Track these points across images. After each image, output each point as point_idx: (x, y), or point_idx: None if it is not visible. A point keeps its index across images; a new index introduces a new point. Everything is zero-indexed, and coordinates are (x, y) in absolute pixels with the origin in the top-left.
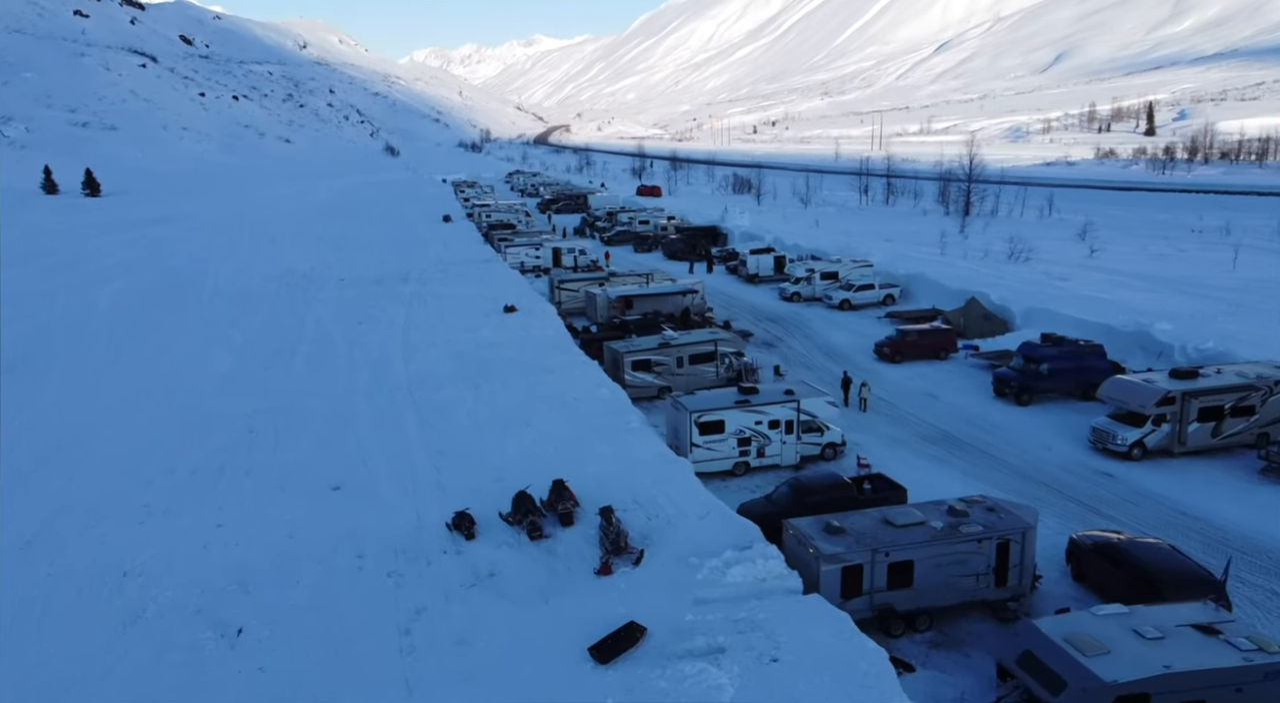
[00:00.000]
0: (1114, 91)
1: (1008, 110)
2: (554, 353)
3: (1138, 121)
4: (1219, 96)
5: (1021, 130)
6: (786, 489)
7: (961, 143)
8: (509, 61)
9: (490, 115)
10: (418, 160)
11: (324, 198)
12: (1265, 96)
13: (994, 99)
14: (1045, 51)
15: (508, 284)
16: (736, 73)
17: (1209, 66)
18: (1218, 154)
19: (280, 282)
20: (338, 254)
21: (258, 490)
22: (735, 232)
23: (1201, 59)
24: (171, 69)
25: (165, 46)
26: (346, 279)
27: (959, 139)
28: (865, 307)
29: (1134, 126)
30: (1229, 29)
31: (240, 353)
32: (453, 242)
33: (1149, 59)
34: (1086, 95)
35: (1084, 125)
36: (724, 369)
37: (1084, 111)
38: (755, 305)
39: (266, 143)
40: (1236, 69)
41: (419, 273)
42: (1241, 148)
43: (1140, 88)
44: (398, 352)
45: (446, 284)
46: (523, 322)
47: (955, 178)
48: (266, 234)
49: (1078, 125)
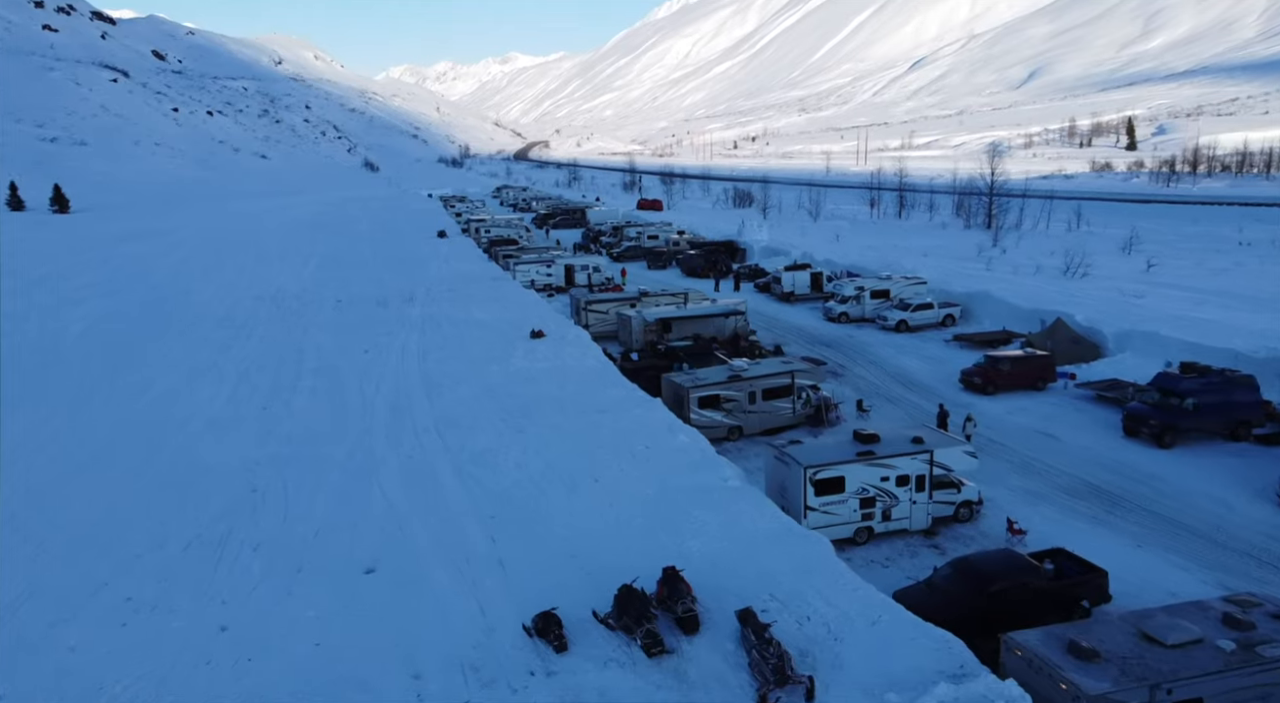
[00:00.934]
0: (1089, 107)
1: (987, 126)
2: (603, 387)
3: (1117, 136)
4: (1195, 112)
5: (1003, 145)
6: (952, 573)
7: (944, 157)
8: (484, 79)
9: (469, 131)
10: (399, 176)
11: (307, 213)
12: (1240, 112)
13: (972, 115)
14: (1019, 68)
15: (525, 305)
16: (714, 89)
17: (1181, 83)
18: (1219, 166)
19: (271, 303)
20: (331, 272)
21: (270, 574)
22: (755, 246)
23: (1173, 76)
24: (143, 84)
25: (137, 61)
26: (345, 300)
27: (940, 154)
28: (924, 328)
29: (1114, 141)
30: (1199, 47)
31: (233, 387)
32: (453, 258)
33: (1122, 76)
34: (1062, 111)
35: (1064, 140)
36: (800, 405)
37: (1064, 126)
38: (800, 327)
39: (242, 158)
40: (1208, 86)
41: (424, 292)
42: (1245, 160)
43: (1115, 103)
44: (418, 385)
45: (457, 305)
46: (555, 349)
47: (977, 191)
48: (250, 251)
49: (1058, 140)
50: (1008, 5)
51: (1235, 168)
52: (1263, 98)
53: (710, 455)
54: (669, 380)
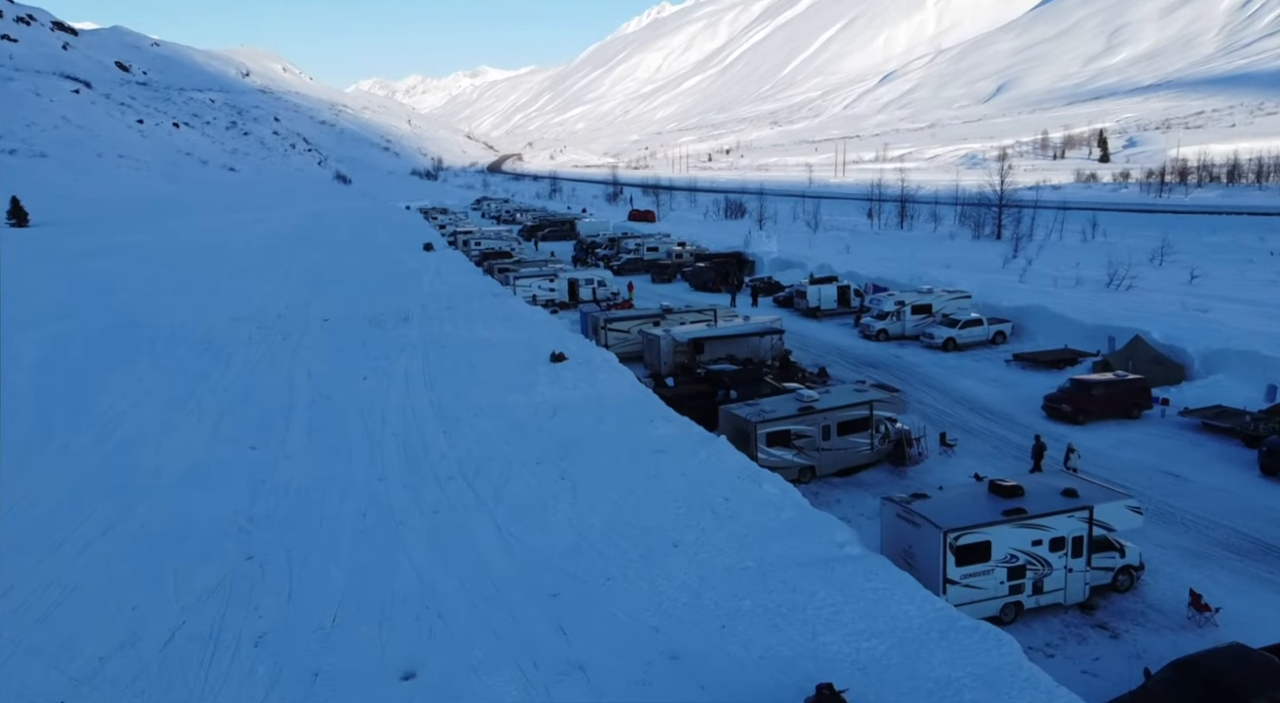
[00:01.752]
0: (1057, 120)
1: (959, 138)
2: (649, 421)
3: (1090, 149)
4: (1163, 125)
5: (977, 157)
6: (1180, 681)
7: (917, 169)
8: (454, 92)
9: (441, 144)
10: (372, 188)
11: (281, 226)
12: (1208, 125)
13: (943, 127)
14: (987, 82)
15: (535, 323)
16: (685, 103)
17: (1147, 97)
18: (1207, 177)
19: (251, 324)
20: (313, 289)
21: (279, 681)
22: (764, 259)
23: (1138, 90)
24: (107, 95)
25: (100, 72)
26: (333, 320)
27: (914, 166)
28: (972, 346)
29: (1087, 153)
30: (1162, 61)
31: (215, 424)
32: (446, 272)
33: (1088, 89)
34: (1032, 124)
35: (1037, 152)
36: (879, 440)
37: (1037, 139)
38: (836, 346)
39: (210, 171)
40: (1173, 99)
41: (421, 311)
42: (1236, 170)
43: (1083, 117)
44: (431, 420)
45: (459, 324)
46: (583, 374)
47: (986, 202)
48: (223, 267)
49: (1031, 152)
50: (973, 21)
51: (1226, 178)
52: (1228, 111)
53: (812, 512)
54: (730, 414)
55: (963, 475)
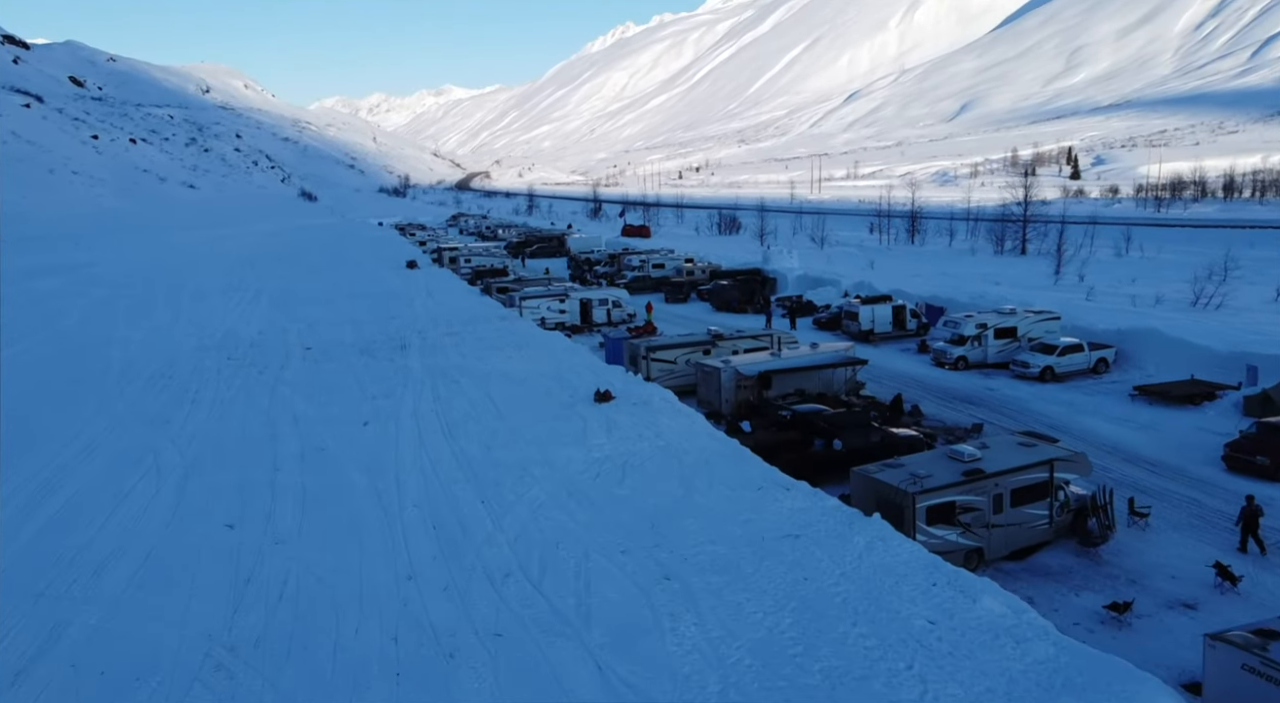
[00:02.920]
0: (1021, 139)
1: (928, 156)
2: (758, 488)
3: (1059, 166)
4: (1129, 143)
5: (949, 174)
6: None
7: (889, 186)
8: (419, 111)
9: (407, 161)
10: (339, 205)
11: (248, 244)
12: (1172, 143)
13: (911, 146)
14: (951, 102)
15: (558, 351)
16: (651, 121)
17: (1108, 116)
18: (1201, 192)
19: (220, 354)
20: (290, 312)
21: None
22: (788, 275)
23: (1099, 109)
24: (60, 110)
25: (53, 87)
26: (317, 348)
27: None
28: (1072, 376)
29: (1057, 171)
30: (1120, 82)
31: (179, 488)
32: (438, 292)
33: (1050, 109)
34: (996, 142)
35: (1007, 169)
36: (1058, 510)
37: (1006, 156)
38: (908, 376)
39: (169, 188)
40: (1134, 118)
41: (419, 337)
42: (1233, 185)
43: (1047, 135)
44: (461, 483)
45: (468, 352)
46: (643, 419)
47: (1011, 217)
48: (187, 288)
49: (1001, 169)
50: (934, 42)
51: (1223, 193)
52: (1189, 130)
53: (1083, 652)
54: (870, 479)
55: (1175, 558)
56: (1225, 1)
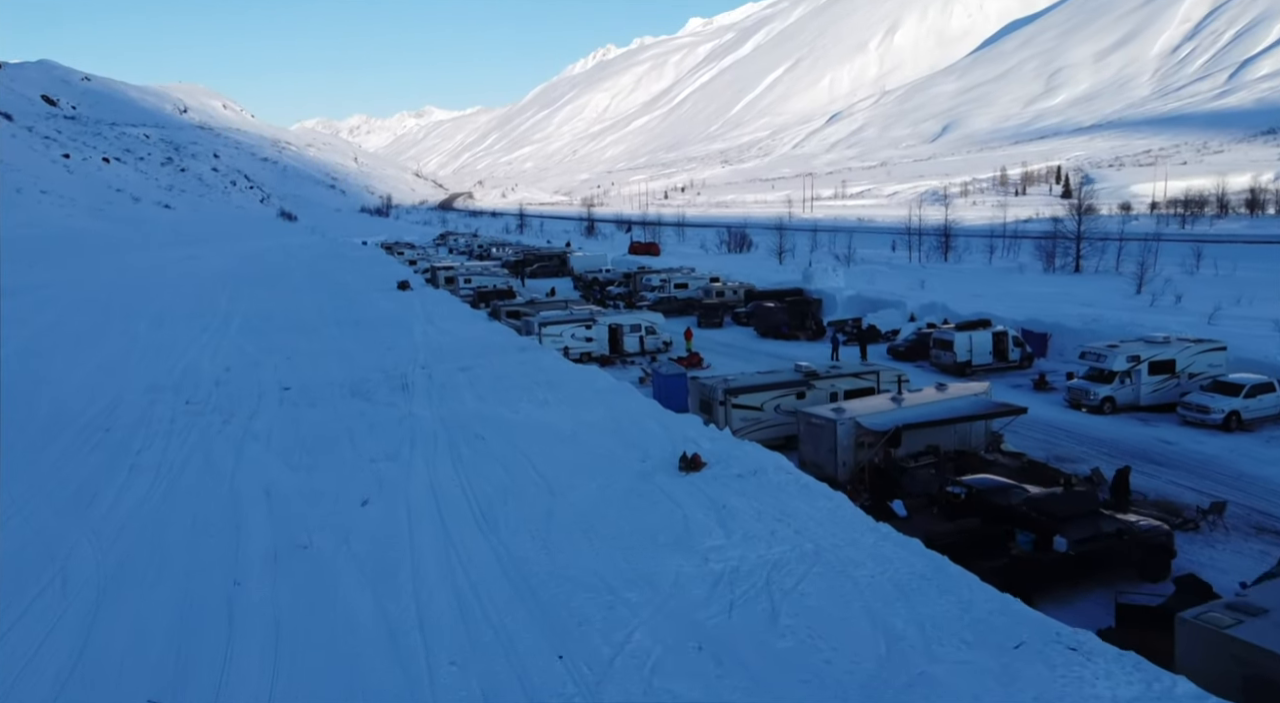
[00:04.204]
0: (1005, 159)
1: (915, 176)
2: (1007, 641)
3: (1050, 185)
4: (1115, 163)
5: (938, 193)
6: None
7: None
8: (400, 132)
9: (389, 182)
10: (321, 225)
11: (221, 263)
12: (1159, 162)
13: (896, 166)
14: (932, 122)
15: (602, 392)
16: (634, 142)
17: (1091, 136)
18: (1220, 207)
19: (176, 395)
20: (265, 342)
21: None
22: (836, 297)
23: (1081, 130)
24: (29, 128)
25: (23, 106)
26: (297, 388)
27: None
28: (1261, 423)
29: (1048, 190)
30: (1099, 103)
31: (89, 616)
32: (438, 317)
33: (1032, 130)
34: (981, 162)
35: (996, 189)
36: None
37: (995, 175)
38: (1042, 421)
39: (143, 208)
40: (1118, 139)
41: (423, 373)
42: (1256, 199)
43: (1032, 155)
44: (520, 618)
45: (490, 395)
46: (765, 501)
47: (1063, 233)
48: (146, 311)
49: (990, 189)
50: (914, 64)
51: (1248, 209)
52: (1174, 150)
53: None
54: (1213, 632)
55: None
56: (1200, 25)
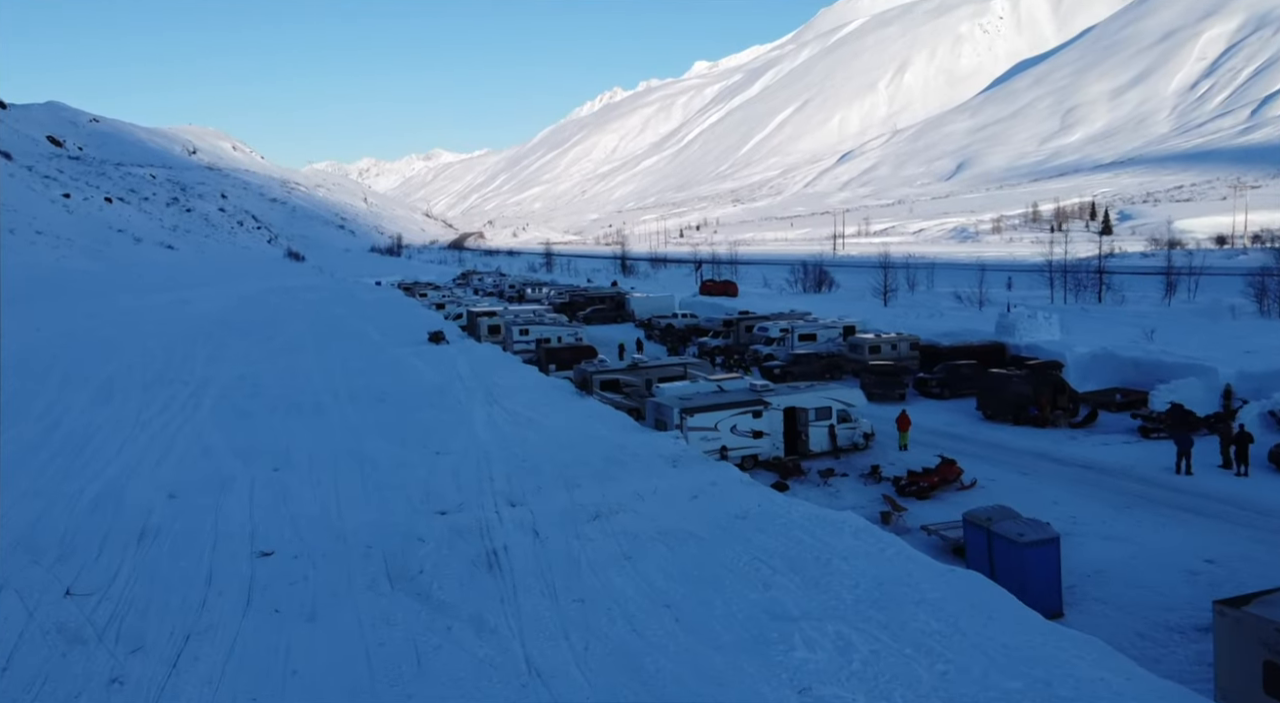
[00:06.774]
0: (1027, 196)
1: (938, 213)
2: None
3: (1086, 222)
4: (1149, 198)
5: (968, 230)
6: None
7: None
8: (408, 174)
9: (399, 222)
10: (329, 265)
11: (213, 309)
12: (1195, 198)
13: (915, 203)
14: (946, 161)
15: (856, 576)
16: (643, 182)
17: (1115, 173)
18: None
19: (56, 573)
20: (244, 434)
21: None
22: (1066, 355)
23: (1101, 167)
24: (29, 167)
25: (27, 146)
26: (282, 558)
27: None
28: None
29: (1084, 226)
30: (1118, 140)
31: None
32: (499, 390)
33: (1050, 167)
34: (1003, 199)
35: (1029, 225)
36: None
37: (1027, 212)
38: None
39: (144, 249)
40: (1145, 175)
41: (519, 525)
42: None
43: (1053, 192)
44: None
45: (663, 587)
46: None
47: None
48: (96, 375)
49: (1022, 224)
50: (923, 104)
51: None
52: (1208, 185)
53: None
54: None
55: None
56: (1217, 62)
